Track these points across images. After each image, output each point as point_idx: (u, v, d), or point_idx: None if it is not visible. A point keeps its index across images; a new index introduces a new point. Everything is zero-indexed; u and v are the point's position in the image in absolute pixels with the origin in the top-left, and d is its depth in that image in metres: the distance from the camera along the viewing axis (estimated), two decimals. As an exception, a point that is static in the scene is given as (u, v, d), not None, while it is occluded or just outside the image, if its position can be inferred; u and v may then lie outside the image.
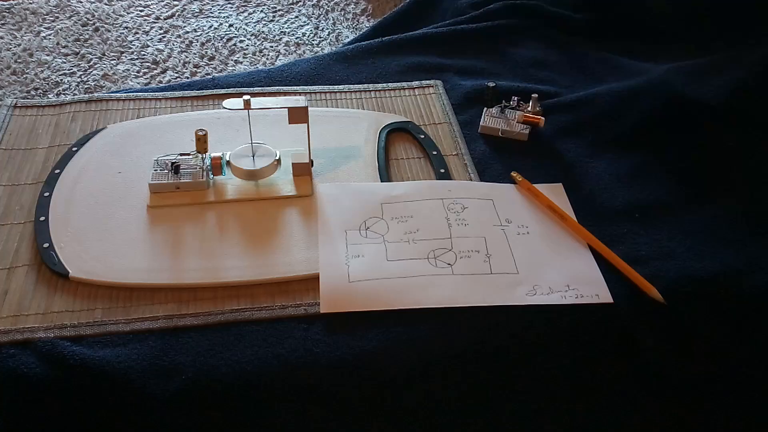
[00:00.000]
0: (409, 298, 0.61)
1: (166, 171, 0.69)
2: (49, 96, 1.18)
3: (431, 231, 0.67)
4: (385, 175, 0.73)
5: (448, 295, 0.61)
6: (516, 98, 0.80)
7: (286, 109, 0.67)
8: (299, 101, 0.68)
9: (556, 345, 0.61)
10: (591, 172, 0.74)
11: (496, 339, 0.60)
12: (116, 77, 1.23)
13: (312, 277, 0.63)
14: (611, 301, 0.61)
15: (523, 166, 0.74)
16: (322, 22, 1.37)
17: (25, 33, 1.32)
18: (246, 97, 0.66)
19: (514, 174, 0.73)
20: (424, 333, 0.59)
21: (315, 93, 0.84)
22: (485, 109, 0.80)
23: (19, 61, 1.25)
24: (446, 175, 0.73)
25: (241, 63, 1.28)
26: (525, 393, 0.61)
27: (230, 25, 1.35)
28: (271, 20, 1.38)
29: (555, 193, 0.71)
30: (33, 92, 1.19)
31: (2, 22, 1.34)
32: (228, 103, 0.67)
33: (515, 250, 0.65)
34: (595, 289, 0.62)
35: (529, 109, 0.79)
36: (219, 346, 0.58)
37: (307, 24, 1.36)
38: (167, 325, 0.59)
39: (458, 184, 0.72)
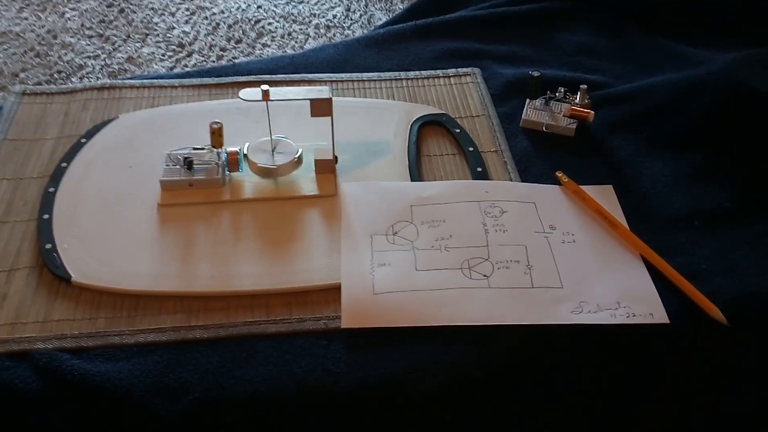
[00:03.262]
0: (439, 313, 0.55)
1: (178, 166, 0.64)
2: (72, 80, 1.15)
3: (466, 238, 0.61)
4: (416, 173, 0.68)
5: (483, 311, 0.55)
6: (562, 89, 0.75)
7: (308, 101, 0.62)
8: (323, 92, 0.62)
9: (605, 370, 0.55)
10: (645, 173, 0.68)
11: (538, 362, 0.54)
12: (141, 60, 1.20)
13: (333, 287, 0.57)
14: (667, 321, 0.55)
15: (569, 165, 0.69)
16: (354, 3, 1.31)
17: (50, 14, 1.29)
18: (264, 87, 0.61)
19: (559, 174, 0.67)
20: (456, 354, 0.54)
21: (342, 81, 0.79)
22: (528, 100, 0.75)
23: (42, 43, 1.22)
24: (483, 175, 0.68)
25: (269, 46, 1.24)
26: (569, 421, 0.55)
27: (258, 7, 1.31)
28: (301, 1, 1.33)
29: (604, 196, 0.65)
30: (56, 75, 1.16)
31: (26, 2, 1.31)
32: (245, 93, 0.62)
33: (559, 261, 0.59)
34: (648, 308, 0.56)
35: (577, 101, 0.74)
36: (230, 363, 0.53)
37: (339, 5, 1.31)
38: (174, 338, 0.54)
39: (497, 184, 0.66)
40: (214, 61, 1.20)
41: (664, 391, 0.56)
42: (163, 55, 1.22)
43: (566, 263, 0.59)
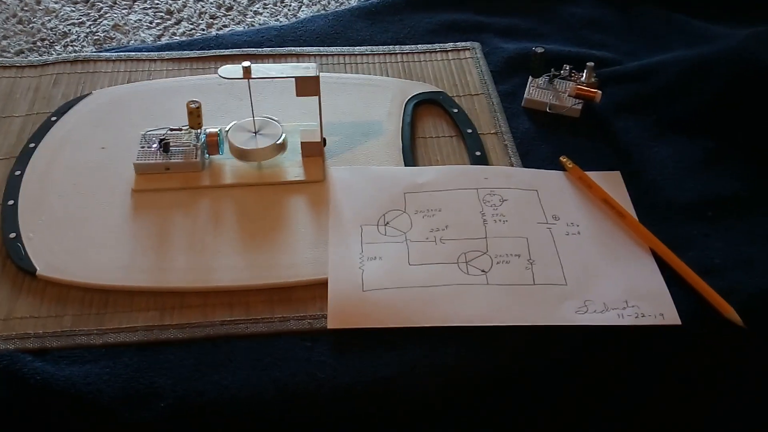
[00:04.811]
0: (433, 313, 0.52)
1: (153, 148, 0.60)
2: (56, 47, 1.10)
3: (463, 229, 0.57)
4: (410, 157, 0.64)
5: (481, 310, 0.52)
6: (568, 66, 0.71)
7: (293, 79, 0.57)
8: (309, 69, 0.58)
9: (611, 375, 0.52)
10: (654, 159, 0.65)
11: (539, 366, 0.51)
12: (127, 28, 1.15)
13: (319, 282, 0.54)
14: (679, 322, 0.52)
15: (573, 148, 0.65)
16: (349, -31, 1.26)
17: (31, -22, 1.23)
18: (245, 63, 0.56)
19: (563, 159, 0.64)
20: (451, 357, 0.50)
21: (331, 55, 0.75)
22: (531, 78, 0.71)
23: (25, 9, 1.17)
24: (482, 159, 0.64)
25: (261, 14, 1.19)
26: (567, 426, 0.52)
27: (248, -28, 1.25)
28: (294, -33, 1.27)
29: (611, 183, 0.62)
30: (39, 43, 1.11)
31: (6, -35, 1.25)
32: (224, 70, 0.57)
33: (563, 255, 0.56)
34: (658, 307, 0.53)
35: (583, 79, 0.70)
36: (206, 367, 0.50)
37: (333, -28, 1.25)
38: (146, 338, 0.51)
39: (496, 170, 0.63)
40: (203, 30, 1.15)
41: (667, 393, 0.53)
42: (150, 22, 1.17)
43: (570, 257, 0.56)
